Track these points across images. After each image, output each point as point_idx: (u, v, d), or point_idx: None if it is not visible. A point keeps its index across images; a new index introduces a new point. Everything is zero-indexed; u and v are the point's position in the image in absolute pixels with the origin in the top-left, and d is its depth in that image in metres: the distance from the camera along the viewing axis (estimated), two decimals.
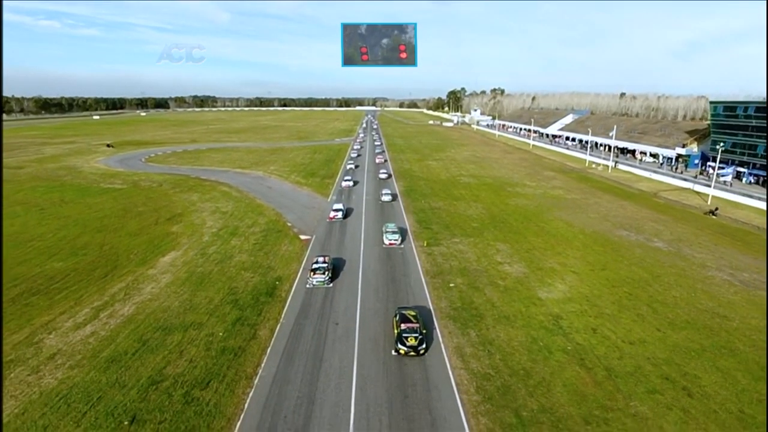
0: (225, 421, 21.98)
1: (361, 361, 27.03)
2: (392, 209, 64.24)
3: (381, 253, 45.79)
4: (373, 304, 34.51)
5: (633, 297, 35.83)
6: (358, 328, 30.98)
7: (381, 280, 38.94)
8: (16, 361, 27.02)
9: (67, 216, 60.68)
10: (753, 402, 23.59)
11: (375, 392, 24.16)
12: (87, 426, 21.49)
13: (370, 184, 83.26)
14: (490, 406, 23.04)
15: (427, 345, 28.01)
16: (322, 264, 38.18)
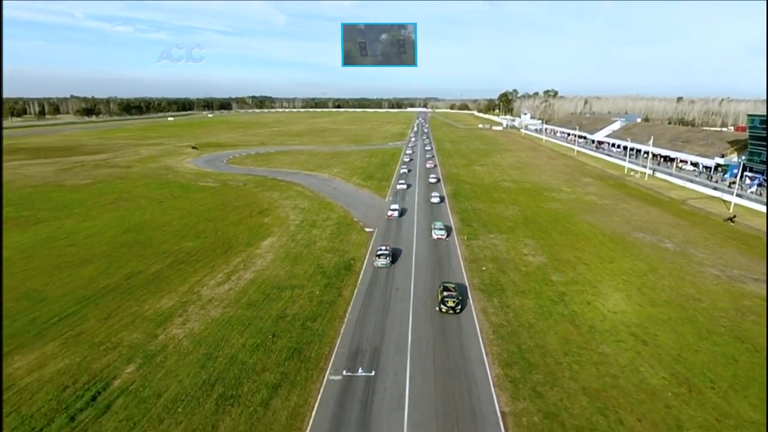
0: (329, 339, 34.75)
1: (415, 313, 39.12)
2: (440, 209, 75.91)
3: (429, 244, 57.70)
4: (423, 279, 46.50)
5: (627, 283, 45.69)
6: (412, 294, 43.08)
7: (429, 263, 50.88)
8: (188, 303, 41.21)
9: (181, 208, 76.83)
10: (691, 350, 33.55)
11: (424, 331, 36.19)
12: (247, 336, 34.95)
13: (421, 186, 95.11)
14: (500, 341, 34.47)
15: (462, 306, 39.52)
16: (384, 251, 50.36)
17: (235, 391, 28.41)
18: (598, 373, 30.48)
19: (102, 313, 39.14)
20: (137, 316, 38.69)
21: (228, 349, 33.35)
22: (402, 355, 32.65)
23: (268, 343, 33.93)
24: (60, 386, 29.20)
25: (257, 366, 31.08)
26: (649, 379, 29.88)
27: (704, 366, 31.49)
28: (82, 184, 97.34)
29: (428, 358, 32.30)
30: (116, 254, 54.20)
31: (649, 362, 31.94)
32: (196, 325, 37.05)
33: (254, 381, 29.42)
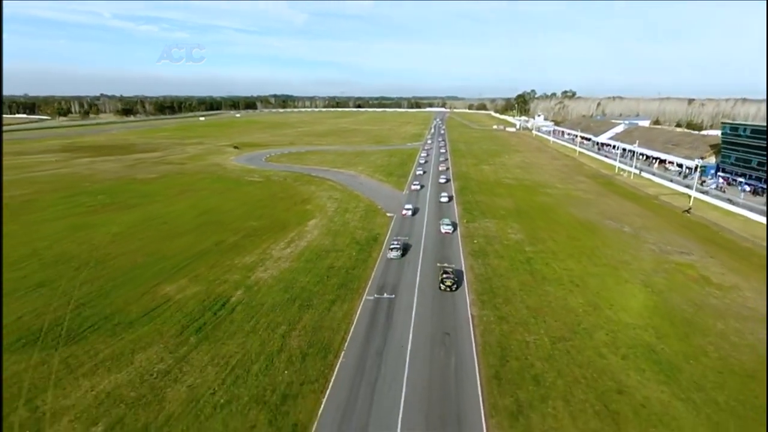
0: (364, 279, 51.97)
1: (423, 264, 56.11)
2: (448, 204, 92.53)
3: (438, 228, 74.60)
4: (432, 245, 63.41)
5: (580, 253, 61.87)
6: (420, 258, 60.08)
7: (437, 238, 67.80)
8: (264, 259, 58.98)
9: (237, 198, 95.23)
10: (607, 290, 49.72)
11: (427, 276, 53.16)
12: (310, 277, 52.49)
13: (434, 178, 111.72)
14: (479, 283, 51.25)
15: (458, 286, 52.81)
16: (396, 245, 60.23)
17: (308, 303, 46.00)
18: (539, 300, 47.11)
19: (207, 264, 57.26)
20: (232, 266, 56.71)
21: (298, 284, 51.00)
22: (412, 288, 49.78)
23: (324, 281, 51.49)
24: (200, 300, 47.21)
25: (319, 292, 48.65)
26: (571, 303, 46.39)
27: (611, 298, 47.82)
28: (150, 178, 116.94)
29: (428, 290, 49.34)
30: (200, 230, 72.58)
31: (574, 295, 48.40)
32: (273, 272, 54.82)
33: (319, 298, 46.97)
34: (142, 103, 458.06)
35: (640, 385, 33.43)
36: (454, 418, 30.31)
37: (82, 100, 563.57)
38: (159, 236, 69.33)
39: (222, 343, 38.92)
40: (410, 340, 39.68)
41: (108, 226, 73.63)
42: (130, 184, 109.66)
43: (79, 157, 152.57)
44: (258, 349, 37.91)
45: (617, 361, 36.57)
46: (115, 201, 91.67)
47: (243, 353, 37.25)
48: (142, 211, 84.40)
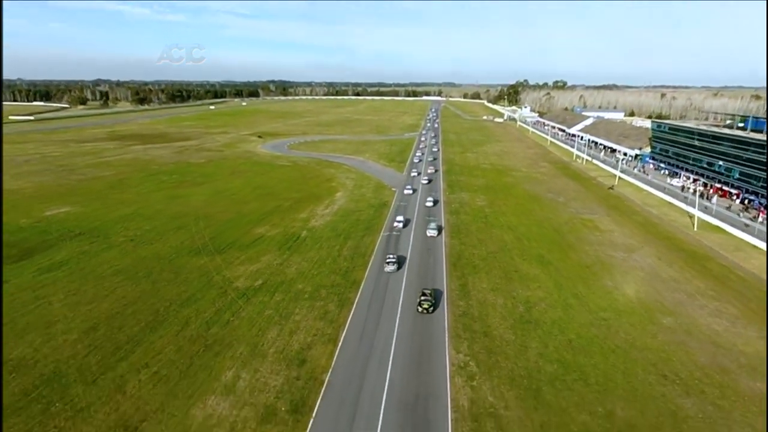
0: (380, 225, 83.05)
1: (416, 221, 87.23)
2: (436, 181, 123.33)
3: (427, 196, 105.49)
4: (424, 209, 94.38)
5: (520, 213, 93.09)
6: (416, 214, 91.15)
7: (427, 206, 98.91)
8: (313, 216, 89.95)
9: (277, 178, 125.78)
10: (532, 234, 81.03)
11: (421, 221, 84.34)
12: (346, 224, 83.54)
13: (427, 164, 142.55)
14: (452, 229, 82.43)
15: (435, 308, 52.67)
16: (392, 259, 63.63)
17: (348, 236, 77.11)
18: (486, 235, 78.36)
19: (277, 219, 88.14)
20: (293, 219, 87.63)
21: (340, 227, 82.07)
22: (409, 230, 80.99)
23: (355, 225, 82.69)
24: (282, 235, 78.21)
25: (354, 231, 79.76)
26: (504, 238, 77.72)
27: (530, 236, 79.08)
28: (201, 162, 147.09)
29: (420, 232, 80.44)
30: (260, 199, 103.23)
31: (507, 234, 79.73)
32: (321, 222, 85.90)
33: (354, 234, 78.08)
34: (155, 92, 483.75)
35: (527, 269, 64.67)
36: (433, 278, 61.38)
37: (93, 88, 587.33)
38: (233, 202, 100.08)
39: (304, 253, 70.06)
40: (409, 252, 70.78)
41: (194, 196, 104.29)
42: (188, 167, 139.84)
43: (131, 145, 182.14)
44: (326, 255, 69.08)
45: (520, 261, 67.83)
46: (186, 179, 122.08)
47: (318, 256, 68.41)
48: (210, 186, 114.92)
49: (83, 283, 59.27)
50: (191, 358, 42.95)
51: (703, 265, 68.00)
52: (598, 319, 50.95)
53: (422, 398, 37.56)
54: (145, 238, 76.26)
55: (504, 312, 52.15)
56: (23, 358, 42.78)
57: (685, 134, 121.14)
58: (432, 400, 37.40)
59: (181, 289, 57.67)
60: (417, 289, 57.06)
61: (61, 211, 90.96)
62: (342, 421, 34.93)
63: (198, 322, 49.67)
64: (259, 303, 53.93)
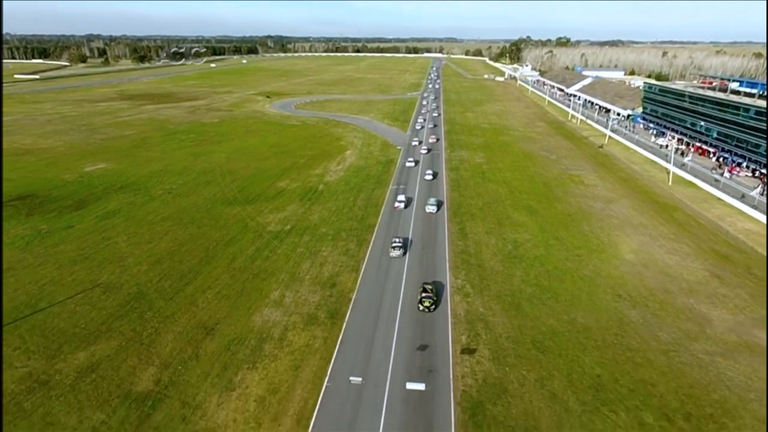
0: (388, 179, 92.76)
1: (421, 173, 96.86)
2: (437, 135, 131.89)
3: (429, 157, 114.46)
4: (427, 161, 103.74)
5: (515, 169, 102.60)
6: (420, 166, 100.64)
7: (430, 160, 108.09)
8: (327, 171, 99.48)
9: (289, 137, 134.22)
10: (525, 187, 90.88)
11: (424, 182, 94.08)
12: (357, 179, 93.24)
13: (429, 123, 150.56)
14: (453, 183, 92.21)
15: (436, 306, 62.50)
16: (398, 243, 60.67)
17: (360, 189, 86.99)
18: (482, 189, 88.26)
19: (294, 174, 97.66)
20: (309, 174, 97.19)
21: (352, 181, 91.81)
22: (415, 184, 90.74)
23: (366, 180, 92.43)
24: (301, 188, 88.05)
25: (365, 185, 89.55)
26: (498, 191, 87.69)
27: (522, 189, 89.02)
28: (214, 122, 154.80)
29: (424, 188, 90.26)
30: (276, 156, 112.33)
31: (502, 187, 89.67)
32: (335, 177, 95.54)
33: (366, 187, 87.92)
34: (155, 49, 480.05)
35: (517, 217, 74.93)
36: (435, 224, 71.66)
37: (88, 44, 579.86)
38: (252, 159, 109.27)
39: (323, 203, 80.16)
40: (415, 201, 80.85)
41: (215, 154, 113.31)
42: (203, 126, 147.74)
43: (143, 105, 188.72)
44: (342, 205, 79.23)
45: (512, 210, 78.04)
46: (204, 138, 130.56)
47: (336, 207, 78.57)
48: (228, 145, 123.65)
49: (138, 227, 69.67)
50: (243, 283, 53.84)
51: (671, 214, 78.33)
52: (573, 255, 61.69)
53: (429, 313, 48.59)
54: (180, 191, 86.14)
55: (495, 250, 62.83)
56: (110, 282, 53.66)
57: (672, 95, 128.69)
58: (437, 309, 48.46)
59: (223, 232, 68.10)
60: (423, 233, 67.59)
61: (98, 168, 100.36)
62: (368, 324, 46.02)
63: (242, 257, 60.35)
64: (291, 243, 64.51)
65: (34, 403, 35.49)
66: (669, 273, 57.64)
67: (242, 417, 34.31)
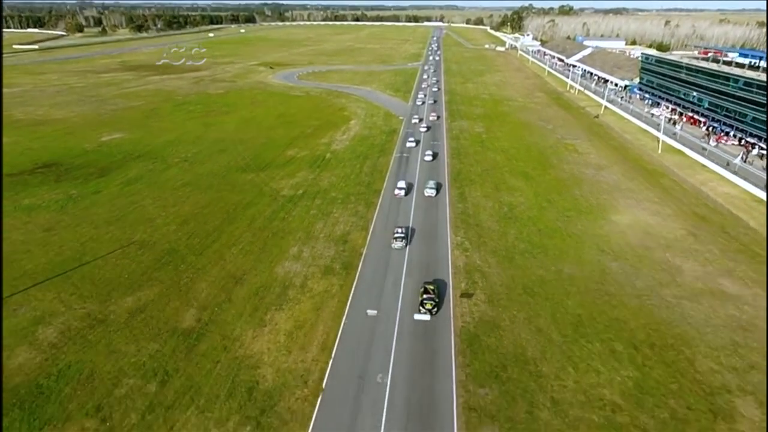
0: (391, 148, 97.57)
1: (423, 144, 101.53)
2: (438, 106, 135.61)
3: (430, 134, 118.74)
4: (429, 134, 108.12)
5: (512, 138, 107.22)
6: (422, 140, 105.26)
7: (432, 135, 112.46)
8: (333, 140, 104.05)
9: (294, 107, 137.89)
10: (520, 155, 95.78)
11: (426, 144, 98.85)
12: (363, 147, 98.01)
13: (429, 98, 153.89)
14: (454, 152, 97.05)
15: (438, 309, 52.44)
16: (401, 233, 57.63)
17: (366, 157, 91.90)
18: (481, 157, 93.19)
19: (302, 143, 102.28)
20: (317, 143, 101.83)
21: (358, 150, 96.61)
22: (417, 152, 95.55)
23: (371, 149, 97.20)
24: (310, 156, 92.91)
25: (370, 153, 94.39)
26: (497, 159, 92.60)
27: (518, 157, 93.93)
28: (220, 93, 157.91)
29: (428, 150, 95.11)
30: (284, 126, 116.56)
31: (500, 156, 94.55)
32: (341, 146, 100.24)
33: (371, 155, 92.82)
34: (151, 18, 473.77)
35: (513, 182, 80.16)
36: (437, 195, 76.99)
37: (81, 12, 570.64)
38: (261, 129, 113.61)
39: (332, 170, 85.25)
40: (417, 172, 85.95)
41: (225, 124, 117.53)
42: (209, 97, 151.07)
43: (148, 76, 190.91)
44: (349, 172, 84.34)
45: (508, 176, 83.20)
46: (212, 109, 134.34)
47: (344, 173, 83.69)
48: (236, 115, 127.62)
49: (161, 192, 75.02)
50: (264, 240, 59.59)
51: (657, 180, 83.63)
52: (563, 216, 67.32)
53: (432, 262, 54.54)
54: (195, 159, 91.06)
55: (492, 211, 68.43)
56: (144, 240, 59.39)
57: (668, 66, 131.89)
58: (439, 262, 54.40)
59: (240, 197, 73.48)
60: (425, 206, 73.06)
61: (114, 138, 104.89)
62: (378, 274, 51.96)
63: (261, 218, 65.92)
64: (304, 206, 70.00)
65: (96, 336, 41.65)
66: (650, 231, 63.38)
67: (275, 346, 40.53)
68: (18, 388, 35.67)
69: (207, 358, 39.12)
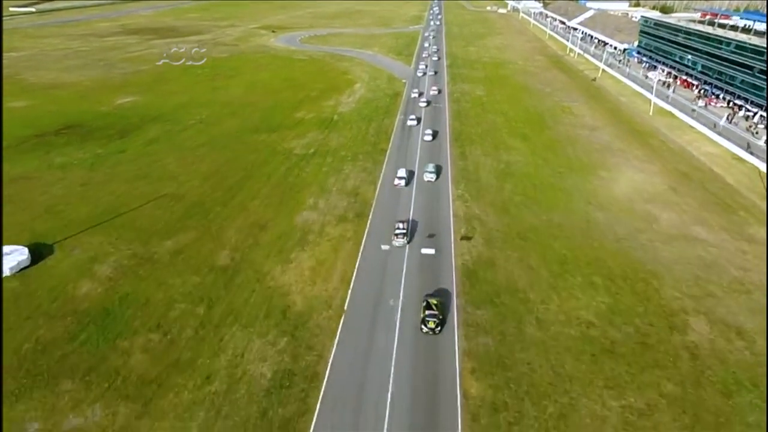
0: (396, 110, 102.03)
1: (426, 107, 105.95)
2: (440, 70, 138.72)
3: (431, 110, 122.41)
4: (432, 96, 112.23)
5: (511, 101, 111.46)
6: (425, 100, 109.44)
7: (433, 95, 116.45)
8: (339, 103, 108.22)
9: (298, 70, 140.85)
10: (518, 116, 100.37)
11: (430, 109, 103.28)
12: (368, 110, 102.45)
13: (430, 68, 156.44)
14: (455, 114, 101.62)
15: (442, 326, 39.78)
16: (402, 230, 52.79)
17: (371, 119, 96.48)
18: (482, 119, 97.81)
19: (309, 105, 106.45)
20: (323, 106, 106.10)
21: (363, 112, 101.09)
22: (420, 112, 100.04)
23: (376, 111, 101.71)
24: (318, 119, 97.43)
25: (375, 115, 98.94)
26: (496, 120, 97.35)
27: (517, 118, 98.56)
28: (224, 57, 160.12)
29: (428, 115, 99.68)
30: (290, 89, 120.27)
31: (499, 118, 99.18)
32: (347, 108, 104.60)
33: (376, 117, 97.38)
34: None
35: (511, 142, 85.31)
36: (439, 150, 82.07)
37: None
38: (268, 92, 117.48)
39: (339, 131, 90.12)
40: (420, 132, 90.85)
41: (232, 88, 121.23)
42: (214, 61, 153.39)
43: (150, 40, 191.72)
44: (356, 132, 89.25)
45: (507, 137, 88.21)
46: (218, 73, 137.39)
47: (351, 134, 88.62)
48: (241, 78, 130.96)
49: (181, 151, 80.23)
50: (282, 194, 65.38)
51: (647, 140, 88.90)
52: (556, 173, 72.99)
53: (435, 211, 60.63)
54: (209, 121, 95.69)
55: (490, 168, 74.05)
56: (172, 194, 65.08)
57: (665, 30, 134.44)
58: (441, 212, 60.48)
59: (255, 156, 78.75)
60: (429, 156, 78.35)
61: (128, 101, 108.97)
62: (387, 220, 57.98)
63: (277, 175, 71.49)
64: (316, 163, 75.47)
65: (145, 272, 48.02)
66: (634, 186, 69.25)
67: (301, 279, 47.01)
68: (89, 311, 42.23)
69: (243, 289, 45.64)
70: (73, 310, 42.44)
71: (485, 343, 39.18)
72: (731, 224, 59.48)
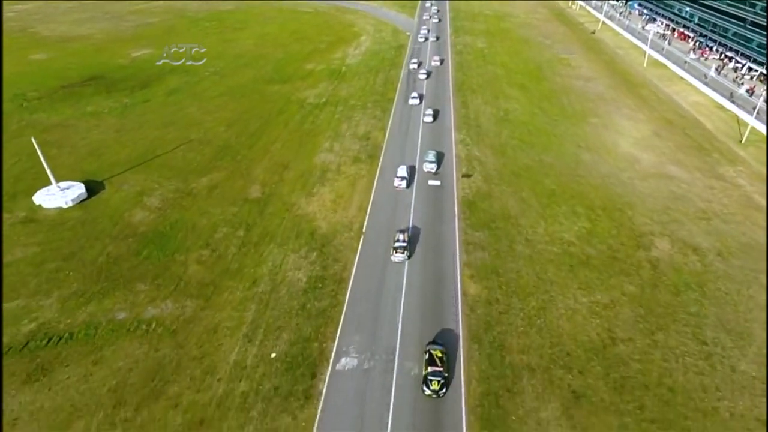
0: (401, 62, 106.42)
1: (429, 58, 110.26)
2: (443, 23, 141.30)
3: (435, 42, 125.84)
4: (434, 47, 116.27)
5: (512, 53, 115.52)
6: (428, 50, 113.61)
7: (435, 48, 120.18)
8: (346, 55, 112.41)
9: (305, 23, 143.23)
10: (518, 68, 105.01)
11: (435, 66, 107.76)
12: (374, 62, 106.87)
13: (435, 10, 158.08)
14: (457, 65, 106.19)
15: (447, 387, 33.38)
16: (402, 243, 46.59)
17: (378, 70, 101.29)
18: (483, 70, 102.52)
19: (318, 57, 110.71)
20: (332, 58, 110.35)
21: (371, 63, 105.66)
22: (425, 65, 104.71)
23: (383, 62, 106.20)
24: (327, 70, 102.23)
25: (382, 66, 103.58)
26: (496, 72, 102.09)
27: (516, 69, 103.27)
28: (230, 9, 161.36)
29: (433, 74, 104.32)
30: (298, 42, 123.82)
31: (499, 69, 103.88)
32: (354, 60, 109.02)
33: (383, 69, 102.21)
34: None
35: (510, 92, 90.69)
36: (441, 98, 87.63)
37: None
38: (278, 45, 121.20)
39: (348, 82, 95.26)
40: (425, 87, 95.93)
41: (242, 40, 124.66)
42: (221, 14, 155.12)
43: None
44: (365, 83, 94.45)
45: (506, 87, 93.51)
46: (226, 26, 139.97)
47: (359, 84, 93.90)
48: (250, 31, 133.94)
49: (201, 100, 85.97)
50: (300, 138, 71.93)
51: (638, 91, 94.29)
52: (551, 120, 79.19)
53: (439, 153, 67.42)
54: (224, 73, 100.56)
55: (490, 116, 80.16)
56: (200, 138, 71.64)
57: None
58: (444, 154, 67.26)
59: (271, 104, 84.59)
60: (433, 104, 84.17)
61: (143, 53, 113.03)
62: (396, 160, 64.87)
63: (293, 122, 77.73)
64: (329, 111, 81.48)
65: (188, 203, 55.48)
66: (621, 132, 75.73)
67: (323, 208, 54.51)
68: (146, 234, 49.98)
69: (275, 216, 53.25)
70: (132, 233, 50.20)
71: (482, 257, 47.13)
72: (704, 164, 66.51)
